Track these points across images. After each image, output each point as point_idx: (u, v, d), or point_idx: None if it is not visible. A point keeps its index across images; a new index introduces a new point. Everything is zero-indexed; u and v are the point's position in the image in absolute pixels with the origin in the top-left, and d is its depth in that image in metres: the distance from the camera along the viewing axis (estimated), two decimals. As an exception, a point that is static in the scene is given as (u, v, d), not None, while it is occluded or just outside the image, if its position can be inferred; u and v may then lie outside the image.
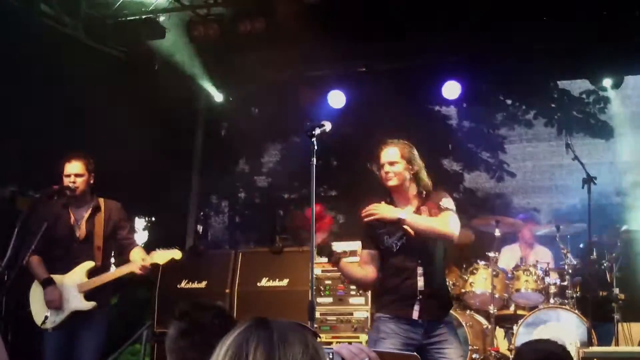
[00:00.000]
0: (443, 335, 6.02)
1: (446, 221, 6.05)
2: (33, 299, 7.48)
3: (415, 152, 6.23)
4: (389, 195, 6.21)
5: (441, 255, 6.19)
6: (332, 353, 2.46)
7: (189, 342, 3.35)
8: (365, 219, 6.01)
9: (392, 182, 6.09)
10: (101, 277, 7.36)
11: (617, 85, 12.09)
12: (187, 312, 3.47)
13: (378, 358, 2.51)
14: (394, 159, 6.11)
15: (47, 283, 7.35)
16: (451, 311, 8.90)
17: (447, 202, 6.15)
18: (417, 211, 6.10)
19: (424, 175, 6.22)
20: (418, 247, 6.03)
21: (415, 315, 5.98)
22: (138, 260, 7.41)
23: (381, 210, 5.97)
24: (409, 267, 6.03)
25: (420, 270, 6.03)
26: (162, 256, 7.48)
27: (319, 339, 2.21)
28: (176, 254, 7.54)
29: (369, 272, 6.19)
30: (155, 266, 7.59)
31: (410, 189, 6.18)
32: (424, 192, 6.19)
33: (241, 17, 10.58)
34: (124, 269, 7.44)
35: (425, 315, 6.00)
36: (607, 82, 11.76)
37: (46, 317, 7.32)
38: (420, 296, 6.01)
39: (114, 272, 7.48)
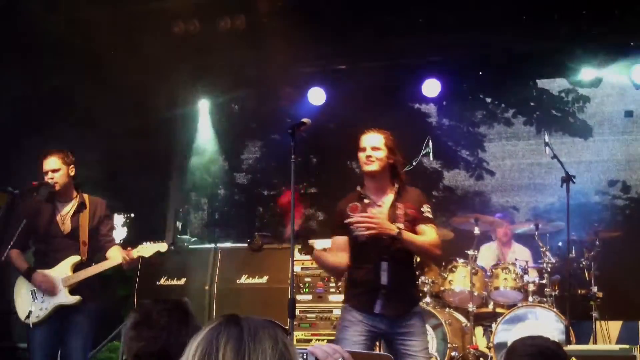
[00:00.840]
0: (408, 327, 6.00)
1: (436, 242, 6.13)
2: (17, 293, 7.48)
3: (396, 145, 6.23)
4: (362, 184, 6.18)
5: (411, 252, 6.24)
6: (306, 353, 2.46)
7: (137, 333, 3.37)
8: (357, 227, 5.97)
9: (372, 167, 6.07)
10: (86, 271, 7.35)
11: (595, 84, 12.15)
12: (143, 304, 3.49)
13: (352, 358, 2.51)
14: (377, 145, 6.10)
15: (29, 272, 7.35)
16: (430, 309, 9.04)
17: (429, 210, 6.18)
18: (393, 207, 6.08)
19: (401, 169, 6.22)
20: (384, 241, 5.98)
21: (377, 309, 5.98)
22: (118, 256, 7.38)
23: (381, 224, 5.91)
24: (373, 261, 6.01)
25: (384, 264, 6.01)
26: (148, 249, 7.46)
27: (289, 336, 2.22)
28: (162, 246, 7.54)
29: (342, 259, 6.17)
30: (141, 259, 7.56)
31: (386, 179, 6.17)
32: (399, 186, 6.16)
33: (221, 14, 10.57)
34: (110, 262, 7.41)
35: (388, 309, 6.00)
36: (586, 77, 11.79)
37: (30, 312, 7.30)
38: (383, 290, 6.00)
39: (99, 265, 7.44)
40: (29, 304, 7.34)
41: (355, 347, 5.64)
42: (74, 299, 7.30)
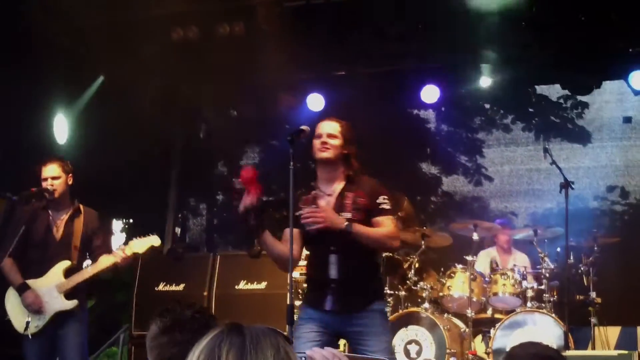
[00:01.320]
0: (362, 325, 5.77)
1: (392, 234, 5.94)
2: (11, 305, 7.40)
3: (354, 136, 6.10)
4: (315, 173, 6.05)
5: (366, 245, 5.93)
6: (305, 357, 2.47)
7: (170, 338, 3.37)
8: (304, 222, 5.80)
9: (326, 154, 5.91)
10: (81, 274, 7.32)
11: (589, 90, 12.17)
12: (168, 309, 3.48)
13: None
14: (334, 133, 5.96)
15: (22, 289, 7.28)
16: (429, 314, 9.04)
17: (386, 201, 5.98)
18: (341, 196, 5.92)
19: (355, 160, 6.05)
20: (332, 234, 5.79)
21: (327, 306, 5.77)
22: (110, 258, 7.36)
23: (327, 217, 5.74)
24: (323, 255, 5.81)
25: (332, 257, 5.81)
26: (141, 244, 7.45)
27: (290, 344, 2.22)
28: (154, 240, 7.52)
29: (294, 249, 5.87)
30: (135, 256, 7.53)
31: (339, 169, 6.00)
32: (352, 176, 6.00)
33: (220, 20, 10.58)
34: (104, 262, 7.35)
35: (339, 306, 5.78)
36: (583, 83, 11.82)
37: (28, 323, 7.28)
38: (333, 285, 5.79)
39: (95, 265, 7.36)
40: (24, 315, 7.30)
41: (309, 344, 5.44)
42: (72, 303, 7.28)
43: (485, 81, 11.85)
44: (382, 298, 6.10)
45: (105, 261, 7.36)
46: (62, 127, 10.64)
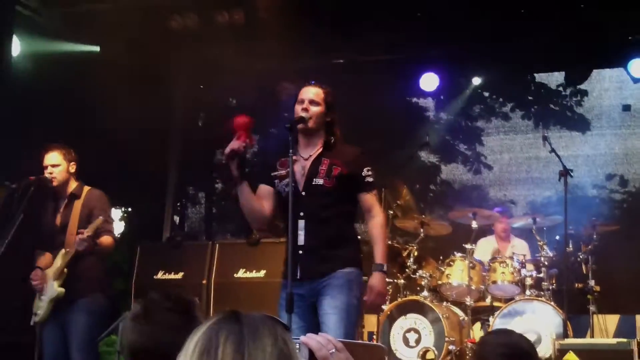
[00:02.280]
0: (325, 286, 5.69)
1: (385, 223, 6.00)
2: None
3: (335, 103, 6.02)
4: (295, 139, 5.88)
5: (338, 209, 5.87)
6: (300, 344, 2.46)
7: (132, 325, 3.35)
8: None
9: (309, 123, 5.86)
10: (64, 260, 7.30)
11: (583, 78, 12.17)
12: (146, 297, 3.46)
13: (345, 349, 2.51)
14: (316, 99, 5.88)
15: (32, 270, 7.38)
16: (428, 302, 9.04)
17: (370, 174, 5.92)
18: (317, 161, 5.87)
19: (337, 128, 5.99)
20: (303, 199, 5.75)
21: (298, 274, 5.65)
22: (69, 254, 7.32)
23: (380, 293, 5.82)
24: (292, 220, 5.60)
25: (301, 223, 5.72)
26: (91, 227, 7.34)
27: (288, 332, 2.21)
28: (97, 221, 7.42)
29: (265, 206, 5.93)
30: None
31: (319, 135, 5.94)
32: (332, 142, 5.93)
33: (219, 8, 10.56)
34: (69, 252, 7.25)
35: (306, 272, 5.69)
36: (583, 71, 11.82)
37: (36, 311, 7.32)
38: (301, 251, 5.68)
39: (68, 251, 7.26)
40: (37, 303, 7.36)
41: (286, 316, 5.40)
42: (57, 290, 7.23)
43: (476, 80, 11.93)
44: (352, 265, 5.83)
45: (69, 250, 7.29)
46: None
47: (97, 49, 11.10)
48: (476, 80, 12.63)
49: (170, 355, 3.06)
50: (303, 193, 5.83)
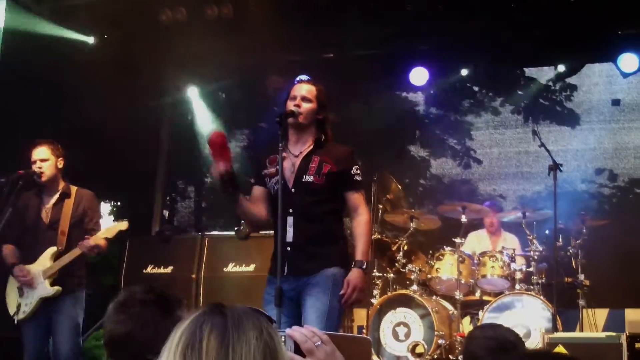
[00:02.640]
0: (307, 287, 5.72)
1: (370, 222, 5.99)
2: (9, 290, 7.47)
3: (327, 102, 6.03)
4: (285, 134, 5.88)
5: (327, 207, 5.89)
6: (285, 336, 2.45)
7: (110, 313, 3.35)
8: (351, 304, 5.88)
9: (300, 118, 5.85)
10: (59, 261, 7.28)
11: (575, 71, 12.17)
12: (129, 289, 3.46)
13: (330, 341, 2.50)
14: (308, 96, 5.88)
15: (12, 267, 7.35)
16: (417, 297, 9.05)
17: (359, 172, 5.94)
18: (307, 157, 5.87)
19: (328, 126, 5.98)
20: (292, 196, 5.78)
21: (286, 270, 5.64)
22: (75, 253, 7.31)
23: (357, 287, 5.75)
24: (281, 216, 5.61)
25: (290, 219, 5.73)
26: (109, 230, 7.39)
27: (273, 324, 2.20)
28: (122, 225, 7.46)
29: (260, 209, 5.95)
30: (105, 242, 7.42)
31: (310, 133, 5.94)
32: (323, 140, 5.93)
33: (209, 2, 10.53)
34: (74, 252, 7.26)
35: (293, 269, 5.69)
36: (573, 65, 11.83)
37: (18, 308, 7.29)
38: (289, 248, 5.70)
39: (66, 255, 7.29)
40: (16, 300, 7.33)
41: (272, 311, 5.38)
42: (54, 289, 7.24)
43: (463, 71, 11.95)
44: (338, 264, 5.84)
45: (74, 251, 7.30)
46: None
47: (87, 40, 11.06)
48: (465, 74, 12.58)
49: (146, 347, 3.06)
50: (292, 190, 5.83)
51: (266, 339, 2.10)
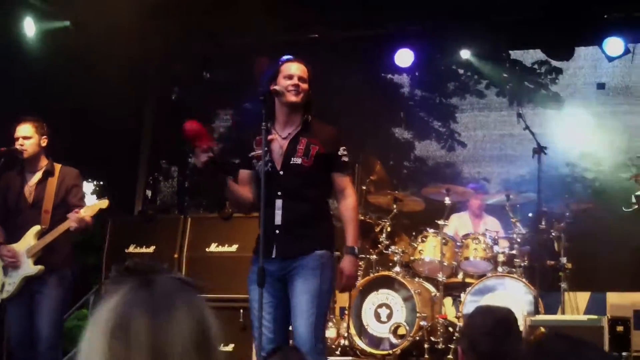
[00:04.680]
0: (299, 267, 5.70)
1: (357, 206, 6.04)
2: None
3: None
4: (271, 112, 5.85)
5: (316, 188, 5.88)
6: None
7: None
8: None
9: (296, 98, 5.78)
10: (44, 239, 7.24)
11: (568, 57, 12.14)
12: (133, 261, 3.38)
13: None
14: (304, 76, 5.85)
15: None
16: (400, 278, 9.05)
17: (346, 154, 5.93)
18: (295, 139, 5.84)
19: (313, 107, 5.97)
20: (280, 177, 5.77)
21: (274, 253, 5.68)
22: (64, 226, 7.26)
23: (351, 275, 5.85)
24: (271, 199, 5.64)
25: (279, 202, 5.72)
26: (91, 209, 7.34)
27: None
28: (103, 203, 7.39)
29: (248, 192, 5.93)
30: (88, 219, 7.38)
31: (299, 114, 5.90)
32: (309, 121, 5.91)
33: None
34: (61, 228, 7.24)
35: (281, 252, 5.71)
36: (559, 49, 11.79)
37: (2, 285, 7.25)
38: (277, 230, 5.71)
39: (52, 232, 7.27)
40: (0, 279, 7.29)
41: (256, 292, 5.46)
42: (37, 268, 7.20)
43: (465, 53, 11.88)
44: (326, 247, 5.84)
45: (61, 226, 7.26)
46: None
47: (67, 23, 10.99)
48: (451, 56, 12.55)
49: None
50: (281, 172, 5.80)
51: (197, 312, 2.02)
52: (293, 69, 5.87)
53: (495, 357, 4.14)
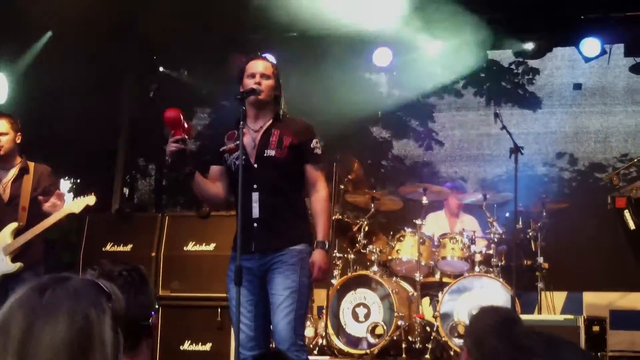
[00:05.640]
0: (274, 264, 5.69)
1: (328, 198, 5.98)
2: None
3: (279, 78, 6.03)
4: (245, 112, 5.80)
5: (291, 180, 5.89)
6: None
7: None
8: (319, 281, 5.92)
9: (259, 96, 5.79)
10: (24, 235, 7.19)
11: (541, 54, 12.17)
12: (100, 262, 3.38)
13: None
14: (267, 73, 5.87)
15: None
16: (377, 277, 9.05)
17: (318, 146, 5.94)
18: (267, 132, 5.83)
19: (283, 101, 5.98)
20: (255, 171, 5.75)
21: (252, 247, 5.67)
22: (47, 222, 7.23)
23: (322, 268, 5.77)
24: (245, 192, 5.55)
25: (255, 195, 5.72)
26: (77, 204, 7.30)
27: (110, 303, 2.07)
28: (90, 199, 7.35)
29: (218, 188, 5.93)
30: (72, 216, 7.36)
31: (268, 108, 5.90)
32: (281, 115, 5.92)
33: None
34: (44, 224, 7.19)
35: (260, 246, 5.70)
36: (534, 49, 11.81)
37: None
38: (255, 224, 5.71)
39: (35, 228, 7.23)
40: None
41: (243, 292, 5.47)
42: (15, 266, 7.16)
43: (435, 47, 11.87)
44: (304, 241, 5.84)
45: (42, 223, 7.22)
46: (2, 86, 10.45)
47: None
48: (430, 56, 12.54)
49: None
50: (255, 165, 5.78)
51: (81, 323, 1.97)
52: (254, 67, 5.91)
53: (500, 356, 4.16)
